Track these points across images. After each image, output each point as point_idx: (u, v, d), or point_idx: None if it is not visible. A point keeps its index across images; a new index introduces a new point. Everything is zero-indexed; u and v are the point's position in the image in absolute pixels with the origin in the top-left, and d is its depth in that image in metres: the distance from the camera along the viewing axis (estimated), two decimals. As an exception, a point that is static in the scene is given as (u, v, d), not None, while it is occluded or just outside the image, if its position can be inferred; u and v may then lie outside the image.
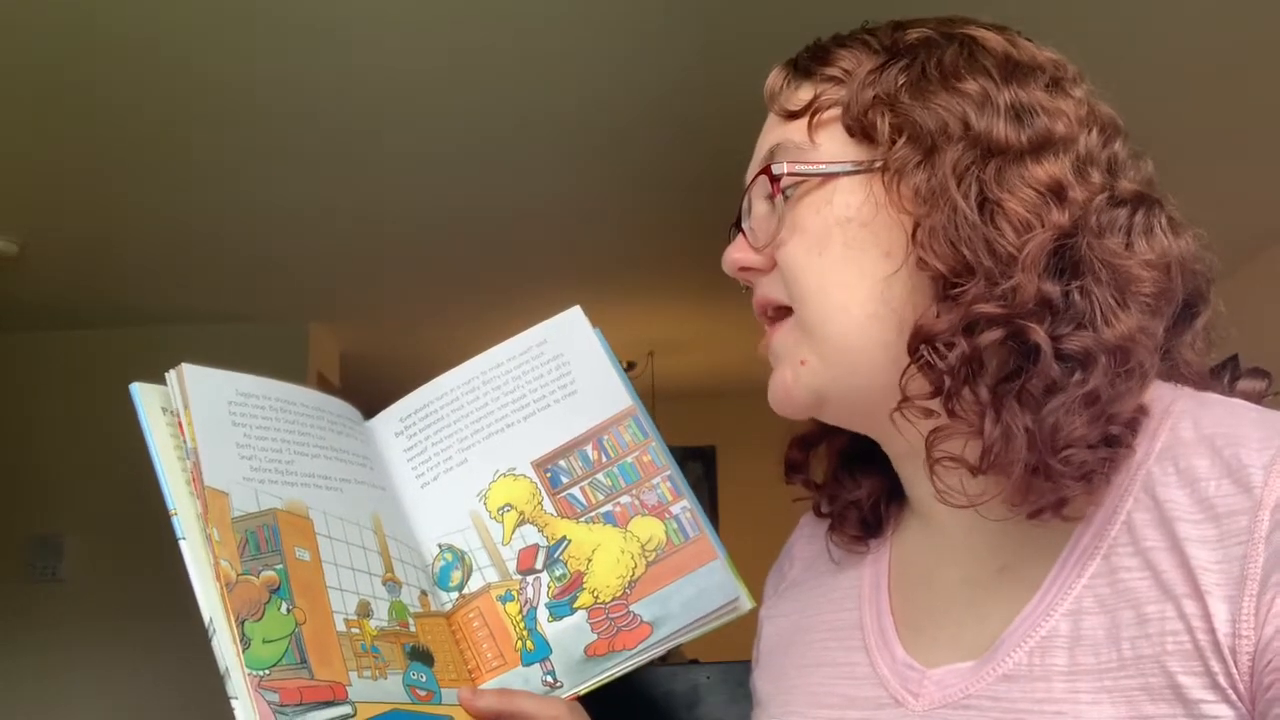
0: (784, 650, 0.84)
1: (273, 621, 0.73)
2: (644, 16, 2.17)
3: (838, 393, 0.72)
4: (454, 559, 0.89)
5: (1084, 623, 0.63)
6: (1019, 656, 0.65)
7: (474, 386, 0.93)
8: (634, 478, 0.90)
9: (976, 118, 0.67)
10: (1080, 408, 0.62)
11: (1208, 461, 0.62)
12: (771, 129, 0.76)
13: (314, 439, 0.85)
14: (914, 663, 0.72)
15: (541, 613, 0.87)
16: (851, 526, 0.81)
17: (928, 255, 0.65)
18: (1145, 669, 0.59)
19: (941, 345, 0.64)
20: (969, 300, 0.64)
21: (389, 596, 0.83)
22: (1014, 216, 0.64)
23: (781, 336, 0.74)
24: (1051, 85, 0.69)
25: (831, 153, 0.71)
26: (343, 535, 0.82)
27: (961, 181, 0.65)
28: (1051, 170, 0.65)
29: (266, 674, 0.71)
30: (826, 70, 0.73)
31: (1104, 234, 0.65)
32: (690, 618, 0.87)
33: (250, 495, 0.77)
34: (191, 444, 0.76)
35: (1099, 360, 0.62)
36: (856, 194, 0.70)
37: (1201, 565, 0.59)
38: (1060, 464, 0.62)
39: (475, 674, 0.85)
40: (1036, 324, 0.62)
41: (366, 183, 2.95)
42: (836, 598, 0.81)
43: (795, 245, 0.72)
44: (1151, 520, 0.62)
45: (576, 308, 0.95)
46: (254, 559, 0.75)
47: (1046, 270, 0.63)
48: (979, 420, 0.64)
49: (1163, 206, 0.69)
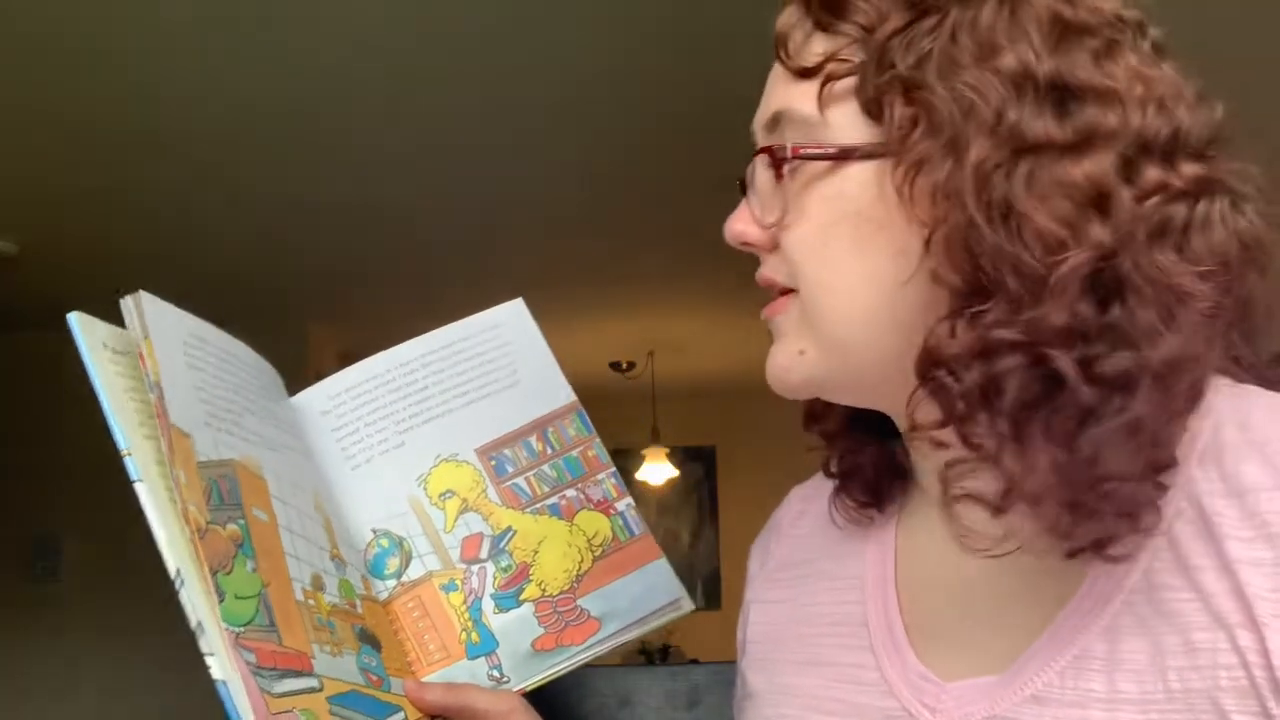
0: (776, 641, 0.76)
1: (241, 578, 0.65)
2: (644, 17, 2.21)
3: (836, 383, 0.67)
4: (390, 545, 0.82)
5: (1122, 644, 0.57)
6: (1049, 676, 0.59)
7: (412, 369, 0.88)
8: (579, 472, 0.88)
9: (1011, 105, 0.56)
10: (1123, 438, 0.54)
11: (1257, 469, 0.56)
12: (779, 83, 0.66)
13: (256, 398, 0.78)
14: (929, 674, 0.65)
15: (487, 604, 0.82)
16: (858, 490, 0.74)
17: (943, 268, 0.57)
18: (1195, 704, 0.54)
19: (955, 369, 0.57)
20: (988, 323, 0.56)
21: (337, 573, 0.76)
22: (1045, 232, 0.55)
23: (784, 315, 0.67)
24: (1105, 52, 0.59)
25: (844, 132, 0.62)
26: (294, 501, 0.75)
27: (986, 185, 0.56)
28: (1093, 171, 0.56)
29: (242, 631, 0.63)
30: (842, 24, 0.63)
31: (1154, 245, 0.56)
32: (637, 614, 0.84)
33: (211, 441, 0.69)
34: (154, 378, 0.67)
35: (1142, 384, 0.54)
36: (869, 185, 0.61)
37: (1257, 593, 0.53)
38: (1100, 500, 0.55)
39: (415, 666, 0.79)
40: (1065, 350, 0.54)
41: (366, 182, 2.95)
42: (838, 585, 0.74)
43: (800, 232, 0.64)
44: (1195, 533, 0.57)
45: (519, 300, 0.93)
46: (218, 509, 0.66)
47: (1081, 294, 0.55)
48: (996, 452, 0.57)
49: (1225, 188, 0.59)
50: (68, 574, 4.07)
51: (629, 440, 5.93)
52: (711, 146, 2.35)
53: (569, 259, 3.78)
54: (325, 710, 0.67)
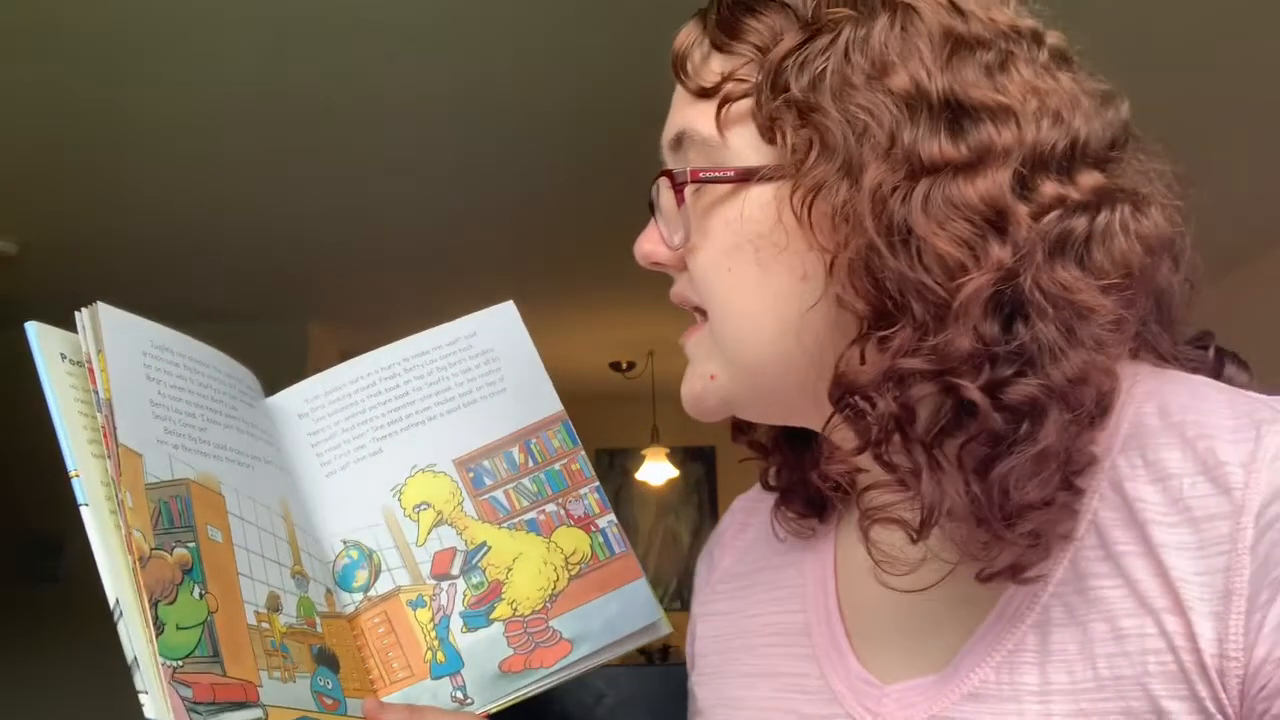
0: (722, 655, 0.77)
1: (185, 606, 0.64)
2: (645, 17, 2.19)
3: (749, 404, 0.67)
4: (360, 557, 0.81)
5: (1053, 636, 0.58)
6: (984, 673, 0.60)
7: (394, 373, 0.85)
8: (561, 486, 0.85)
9: (905, 127, 0.56)
10: (1033, 468, 0.54)
11: (1179, 454, 0.56)
12: (680, 102, 0.66)
13: (225, 407, 0.76)
14: (870, 677, 0.66)
15: (455, 622, 0.80)
16: (799, 504, 0.73)
17: (846, 293, 0.56)
18: (1126, 691, 0.54)
19: (868, 396, 0.56)
20: (894, 349, 0.55)
21: (297, 591, 0.74)
22: (945, 256, 0.54)
23: (696, 341, 0.68)
24: (998, 66, 0.58)
25: (743, 154, 0.62)
26: (254, 518, 0.73)
27: (884, 209, 0.55)
28: (989, 190, 0.55)
29: (180, 665, 0.61)
30: (738, 44, 0.62)
31: (1054, 262, 0.55)
32: (611, 637, 0.82)
33: (164, 460, 0.67)
34: (105, 394, 0.65)
35: (1049, 410, 0.54)
36: (769, 208, 0.60)
37: (1181, 576, 0.54)
38: (1012, 529, 0.55)
39: (377, 685, 0.77)
40: (972, 374, 0.54)
41: (366, 183, 2.96)
42: (780, 595, 0.74)
43: (704, 256, 0.64)
44: (1120, 520, 0.57)
45: (509, 303, 0.89)
46: (166, 533, 0.65)
47: (984, 316, 0.54)
48: (913, 479, 0.56)
49: (1127, 194, 0.58)
50: (68, 574, 3.98)
51: (629, 440, 5.94)
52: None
53: (569, 259, 3.74)
54: None
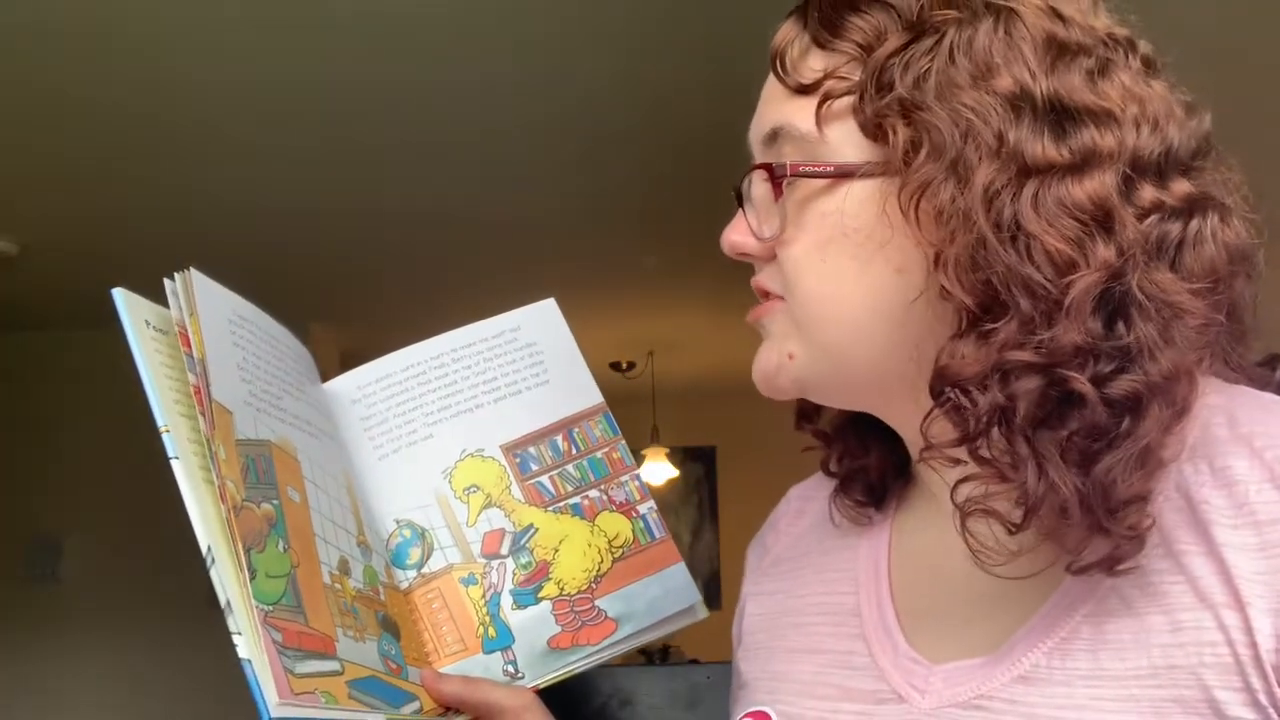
0: (770, 631, 0.78)
1: (273, 557, 0.66)
2: (645, 19, 2.23)
3: (825, 386, 0.68)
4: (413, 535, 0.83)
5: (1108, 625, 0.58)
6: (1035, 657, 0.60)
7: (443, 363, 0.89)
8: (603, 473, 0.89)
9: (1011, 128, 0.57)
10: (1136, 463, 0.56)
11: (1246, 463, 0.57)
12: (775, 98, 0.66)
13: (296, 380, 0.78)
14: (919, 656, 0.66)
15: (505, 599, 0.83)
16: (858, 492, 0.75)
17: (953, 286, 0.57)
18: (1179, 679, 0.55)
19: (970, 389, 0.57)
20: (1000, 343, 0.56)
21: (363, 559, 0.76)
22: (1055, 253, 0.55)
23: (774, 317, 0.68)
24: (1099, 72, 0.60)
25: (842, 150, 0.63)
26: (325, 485, 0.76)
27: (992, 207, 0.56)
28: (1098, 190, 0.57)
29: (270, 610, 0.63)
30: (840, 42, 0.63)
31: (1153, 264, 0.57)
32: (653, 618, 0.85)
33: (251, 420, 0.70)
34: (199, 354, 0.68)
35: (1150, 406, 0.56)
36: (869, 204, 0.62)
37: (1242, 574, 0.55)
38: (1115, 522, 0.56)
39: (432, 657, 0.79)
40: (1079, 371, 0.55)
41: (366, 183, 2.96)
42: (830, 577, 0.75)
43: (798, 248, 0.65)
44: (1184, 521, 0.58)
45: (551, 300, 0.93)
46: (254, 487, 0.67)
47: (1092, 313, 0.56)
48: (1013, 471, 0.57)
49: (1214, 202, 0.61)
50: (68, 574, 4.04)
51: (629, 440, 5.91)
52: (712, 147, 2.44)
53: (569, 259, 3.79)
54: (345, 693, 0.67)
